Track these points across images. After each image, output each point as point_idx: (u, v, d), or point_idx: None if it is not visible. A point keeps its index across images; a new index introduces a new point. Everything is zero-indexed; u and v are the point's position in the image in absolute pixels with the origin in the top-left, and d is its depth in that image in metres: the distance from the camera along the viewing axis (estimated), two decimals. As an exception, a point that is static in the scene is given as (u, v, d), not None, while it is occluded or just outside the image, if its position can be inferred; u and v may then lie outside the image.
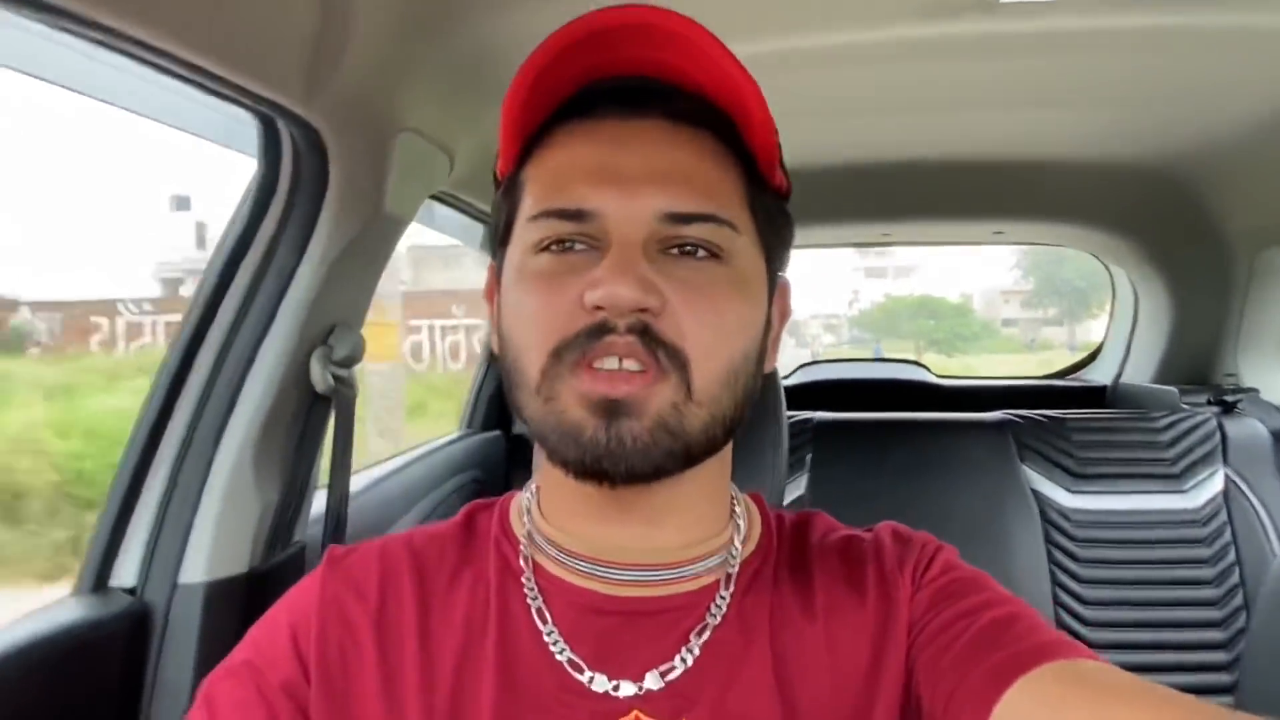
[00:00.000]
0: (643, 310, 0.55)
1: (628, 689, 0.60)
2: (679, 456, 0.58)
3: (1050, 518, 1.88)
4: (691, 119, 0.60)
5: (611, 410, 0.55)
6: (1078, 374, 2.88)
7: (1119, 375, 2.59)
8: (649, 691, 0.60)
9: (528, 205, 0.61)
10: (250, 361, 0.99)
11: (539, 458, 0.66)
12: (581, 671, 0.60)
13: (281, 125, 0.95)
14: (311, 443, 1.08)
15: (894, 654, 0.61)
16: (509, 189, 0.64)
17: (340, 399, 1.08)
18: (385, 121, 1.03)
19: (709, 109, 0.60)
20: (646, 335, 0.55)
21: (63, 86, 0.82)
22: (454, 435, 1.96)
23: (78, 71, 0.83)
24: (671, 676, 0.60)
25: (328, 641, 0.62)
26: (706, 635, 0.62)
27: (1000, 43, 1.23)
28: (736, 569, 0.65)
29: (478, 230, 1.82)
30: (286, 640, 0.63)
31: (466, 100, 1.15)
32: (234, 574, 0.98)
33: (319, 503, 1.16)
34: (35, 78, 0.80)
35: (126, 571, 0.96)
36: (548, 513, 0.66)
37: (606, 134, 0.60)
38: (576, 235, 0.58)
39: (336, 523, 1.11)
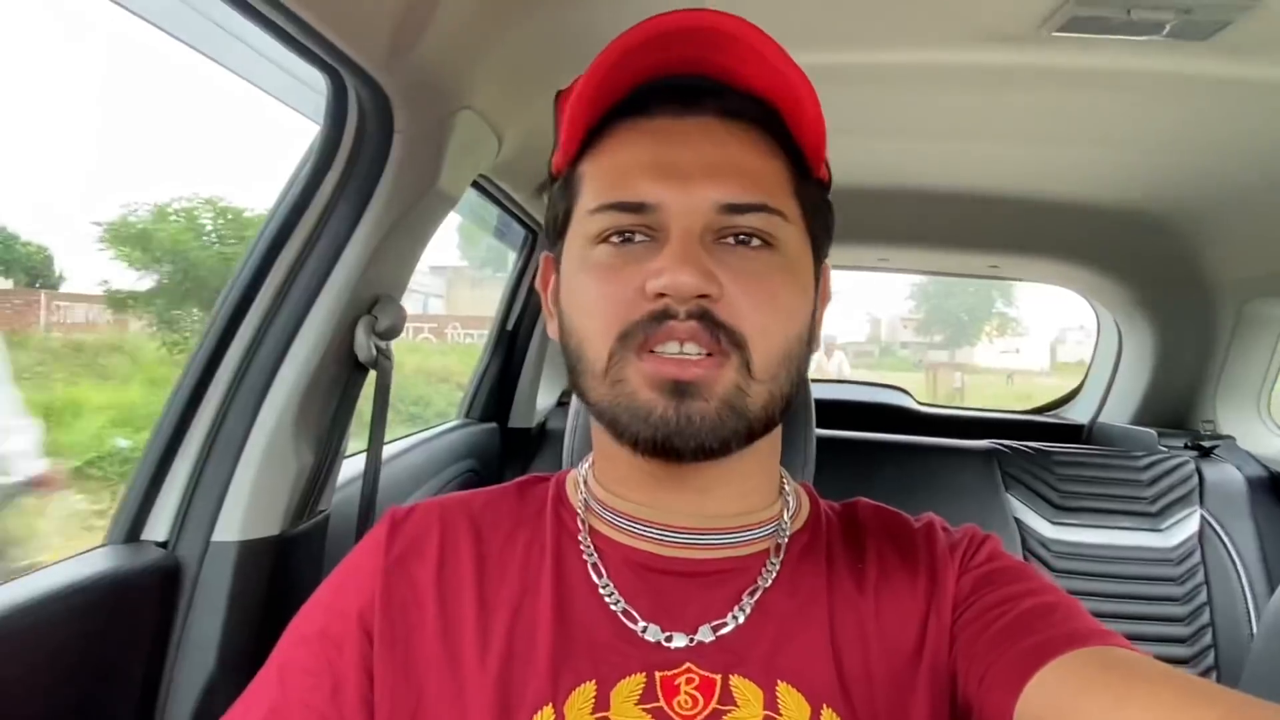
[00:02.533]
0: (702, 296, 0.58)
1: (680, 640, 0.62)
2: (743, 434, 0.61)
3: (1031, 546, 1.92)
4: (741, 115, 0.64)
5: (679, 391, 0.59)
6: (1056, 411, 2.94)
7: (1097, 415, 2.65)
8: (700, 644, 0.62)
9: (587, 199, 0.64)
10: (298, 325, 0.99)
11: (598, 435, 0.69)
12: (635, 621, 0.63)
13: (352, 89, 0.95)
14: (345, 412, 1.08)
15: (938, 633, 0.63)
16: (566, 183, 0.67)
17: (380, 369, 1.08)
18: (449, 97, 1.03)
19: (758, 105, 0.64)
20: (706, 319, 0.59)
21: (155, 25, 0.82)
22: (453, 423, 1.95)
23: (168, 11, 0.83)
24: (723, 631, 0.63)
25: (391, 602, 0.65)
26: (758, 596, 0.64)
27: (1029, 76, 1.26)
28: (786, 540, 0.68)
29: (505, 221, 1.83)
30: (351, 601, 0.65)
31: (522, 83, 1.16)
32: (266, 535, 0.97)
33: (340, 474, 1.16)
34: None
35: (159, 526, 0.94)
36: (605, 482, 0.69)
37: (662, 131, 0.63)
38: (636, 227, 0.61)
39: (371, 492, 1.11)
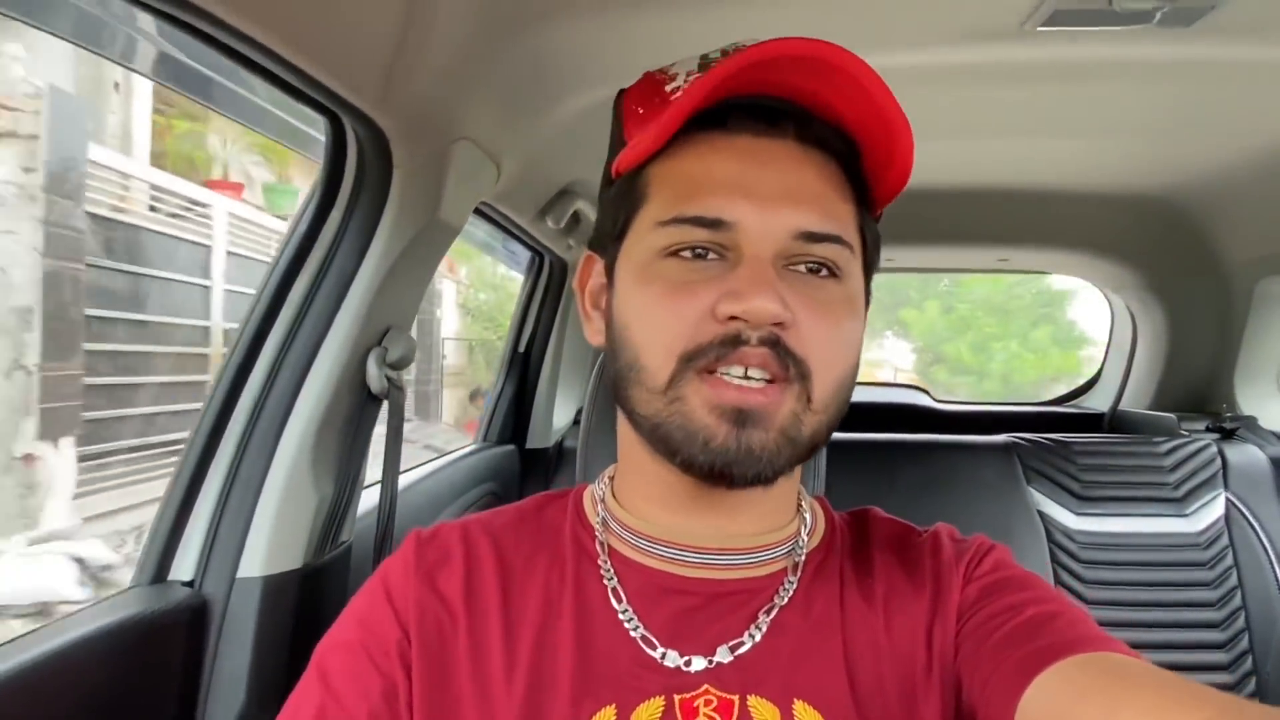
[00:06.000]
0: (776, 324, 0.58)
1: (699, 663, 0.63)
2: (794, 461, 0.62)
3: (1056, 539, 1.90)
4: (820, 144, 0.63)
5: (741, 419, 0.58)
6: (1075, 401, 2.93)
7: (1116, 402, 2.64)
8: (719, 665, 0.62)
9: (657, 208, 0.63)
10: (310, 360, 1.01)
11: (631, 450, 0.68)
12: (654, 648, 0.63)
13: (350, 128, 0.97)
14: (362, 443, 1.10)
15: (943, 641, 0.64)
16: (629, 188, 0.65)
17: (392, 400, 1.09)
18: (446, 129, 1.05)
19: (837, 136, 0.63)
20: (778, 347, 0.58)
21: (150, 77, 0.85)
22: (471, 447, 1.97)
23: (159, 61, 0.86)
24: (741, 651, 0.63)
25: (424, 609, 0.65)
26: (774, 614, 0.65)
27: (1020, 72, 1.27)
28: (803, 558, 0.68)
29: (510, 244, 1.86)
30: (388, 610, 0.65)
31: (518, 111, 1.18)
32: (289, 569, 0.99)
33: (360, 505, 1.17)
34: (122, 64, 0.82)
35: (185, 565, 0.96)
36: (625, 501, 0.69)
37: (743, 149, 0.62)
38: (709, 244, 0.61)
39: (387, 521, 1.12)
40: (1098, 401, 2.79)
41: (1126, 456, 1.98)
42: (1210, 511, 1.92)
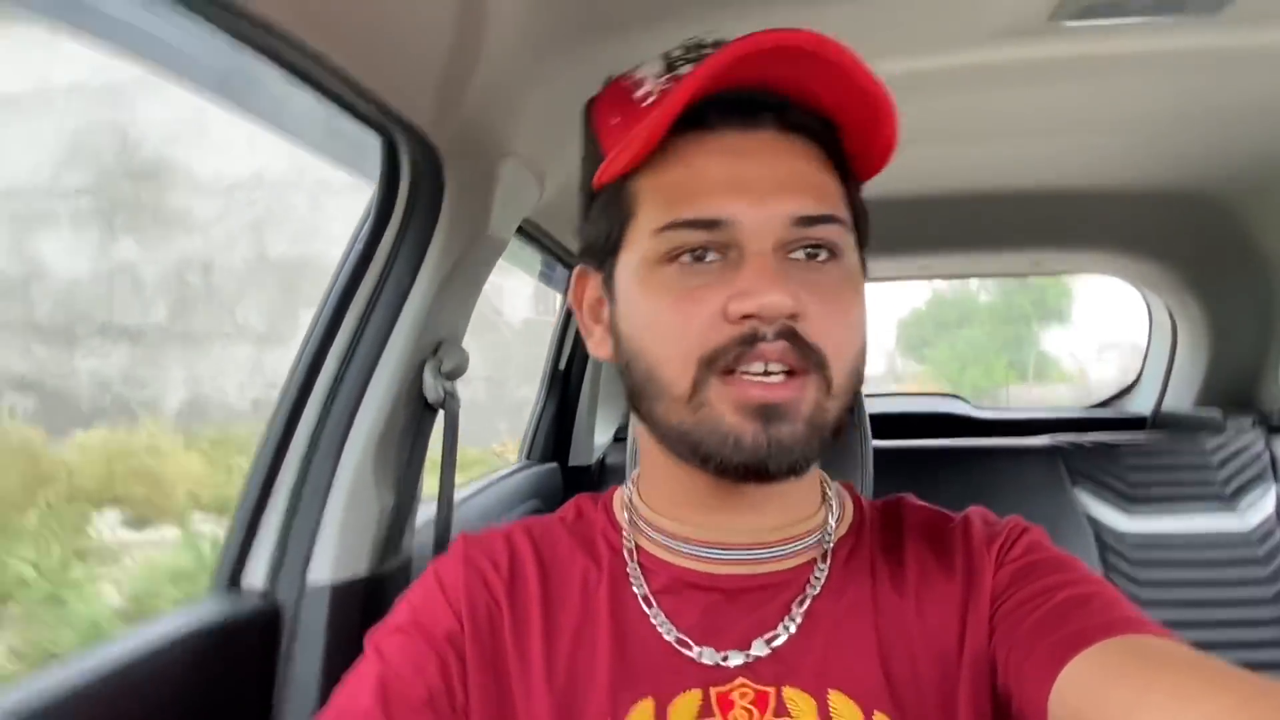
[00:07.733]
0: (790, 316, 0.59)
1: (736, 659, 0.64)
2: (824, 448, 0.63)
3: (1106, 542, 1.88)
4: (800, 129, 0.65)
5: (768, 415, 0.59)
6: (1116, 404, 2.90)
7: (1159, 404, 2.61)
8: (757, 659, 0.63)
9: (649, 216, 0.63)
10: (371, 372, 1.04)
11: (655, 456, 0.69)
12: (690, 648, 0.64)
13: (403, 147, 1.00)
14: (420, 452, 1.12)
15: (977, 626, 0.64)
16: (615, 199, 0.66)
17: (448, 409, 1.12)
18: (494, 146, 1.09)
19: (815, 119, 0.65)
20: (794, 339, 0.59)
21: (208, 93, 0.89)
22: (515, 466, 1.99)
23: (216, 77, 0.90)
24: (777, 643, 0.64)
25: (475, 599, 0.67)
26: (807, 604, 0.65)
27: (1049, 68, 1.27)
28: (832, 546, 0.69)
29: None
30: (441, 599, 0.68)
31: (560, 128, 1.21)
32: (355, 576, 1.01)
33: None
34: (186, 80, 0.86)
35: (256, 572, 0.99)
36: (652, 502, 0.71)
37: (726, 146, 0.63)
38: (708, 244, 0.61)
39: (444, 529, 1.14)
40: (1139, 405, 2.76)
41: (1172, 455, 1.96)
42: (1262, 507, 1.89)
